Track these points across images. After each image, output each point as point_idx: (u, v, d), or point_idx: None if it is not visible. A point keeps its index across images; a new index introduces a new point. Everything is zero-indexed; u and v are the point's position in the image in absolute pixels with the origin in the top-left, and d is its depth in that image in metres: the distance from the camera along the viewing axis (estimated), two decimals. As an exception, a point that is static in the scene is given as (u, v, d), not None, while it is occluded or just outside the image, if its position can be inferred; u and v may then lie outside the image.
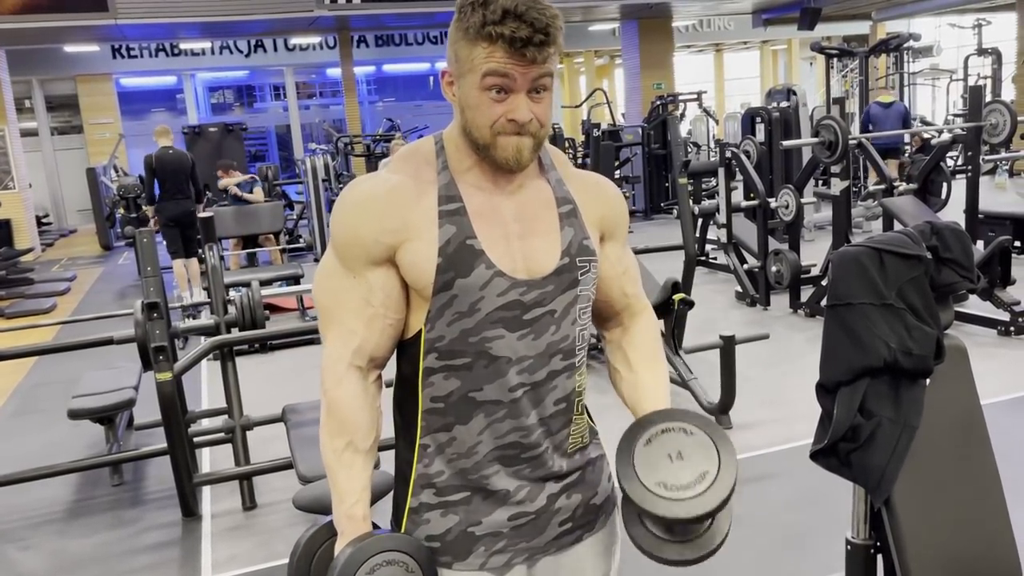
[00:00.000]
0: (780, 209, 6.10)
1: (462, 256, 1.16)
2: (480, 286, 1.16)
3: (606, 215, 1.31)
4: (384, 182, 1.21)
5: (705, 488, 1.06)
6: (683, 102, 11.96)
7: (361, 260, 1.18)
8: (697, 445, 1.10)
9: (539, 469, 1.24)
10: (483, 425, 1.21)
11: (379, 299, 1.19)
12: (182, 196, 7.19)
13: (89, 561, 3.14)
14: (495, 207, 1.20)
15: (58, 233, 14.25)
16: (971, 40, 13.89)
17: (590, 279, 1.25)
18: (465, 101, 1.16)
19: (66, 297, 8.53)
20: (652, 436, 1.12)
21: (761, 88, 18.99)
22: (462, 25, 1.13)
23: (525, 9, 1.10)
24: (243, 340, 3.52)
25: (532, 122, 1.15)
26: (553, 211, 1.24)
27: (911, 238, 1.68)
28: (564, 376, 1.24)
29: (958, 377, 1.70)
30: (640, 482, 1.08)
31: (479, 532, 1.23)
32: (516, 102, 1.13)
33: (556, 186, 1.26)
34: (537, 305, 1.20)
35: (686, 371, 4.13)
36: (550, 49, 1.12)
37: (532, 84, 1.13)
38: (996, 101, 6.19)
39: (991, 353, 4.65)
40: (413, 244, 1.17)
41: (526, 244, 1.20)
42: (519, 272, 1.19)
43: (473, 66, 1.13)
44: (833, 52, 11.43)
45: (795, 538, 2.91)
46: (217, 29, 12.39)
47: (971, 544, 1.68)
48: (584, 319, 1.26)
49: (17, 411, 5.07)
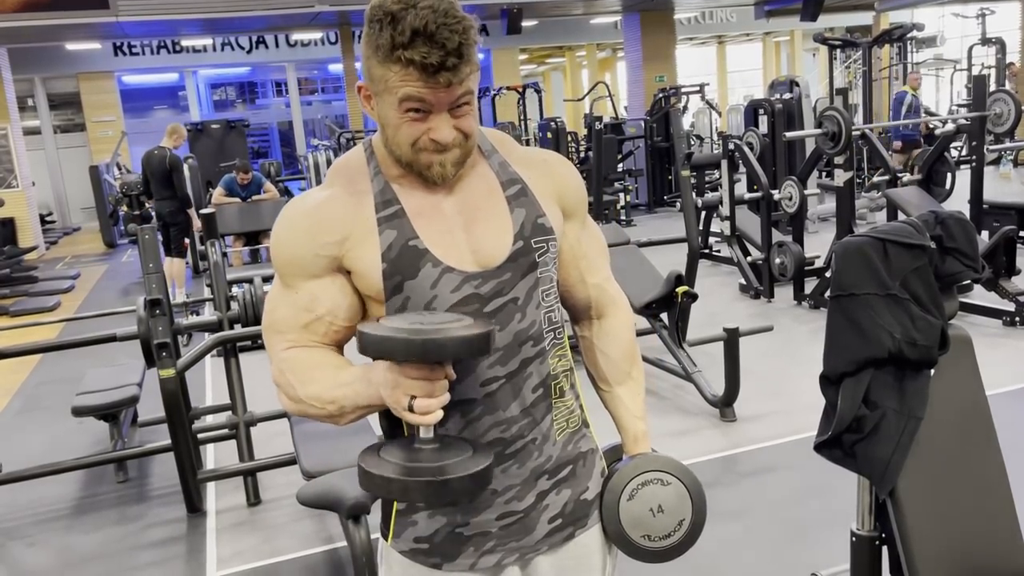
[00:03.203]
0: (783, 201, 6.08)
1: (406, 258, 1.14)
2: (430, 285, 1.14)
3: (561, 192, 1.26)
4: (315, 198, 1.19)
5: (682, 536, 1.26)
6: (686, 95, 11.92)
7: (301, 276, 1.17)
8: (674, 495, 1.26)
9: (526, 463, 1.21)
10: (461, 425, 1.17)
11: (325, 307, 1.17)
12: (163, 196, 7.26)
13: (94, 557, 3.15)
14: (435, 204, 1.17)
15: (62, 231, 14.27)
16: (975, 30, 13.83)
17: (549, 259, 1.21)
18: (385, 119, 1.13)
19: (70, 295, 8.55)
20: (634, 491, 1.26)
21: (764, 80, 18.94)
22: (372, 43, 1.08)
23: (436, 28, 1.03)
24: (246, 336, 3.52)
25: (455, 138, 1.12)
26: (499, 196, 1.20)
27: (915, 228, 1.67)
28: (537, 362, 1.20)
29: (963, 367, 1.69)
30: (628, 537, 1.26)
31: (467, 532, 1.21)
32: (437, 122, 1.10)
33: (500, 170, 1.22)
34: (497, 295, 1.16)
35: (690, 364, 4.12)
36: (465, 70, 1.07)
37: (451, 104, 1.10)
38: (1000, 90, 6.16)
39: (996, 343, 4.64)
40: (356, 253, 1.15)
41: (473, 235, 1.17)
42: (469, 265, 1.16)
43: (388, 87, 1.09)
44: (836, 43, 11.36)
45: (800, 530, 2.90)
46: (218, 25, 12.36)
47: (976, 535, 1.67)
48: (549, 300, 1.22)
49: (22, 408, 5.08)
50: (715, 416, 3.94)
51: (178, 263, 7.30)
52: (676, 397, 4.26)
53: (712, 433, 3.80)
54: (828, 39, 11.21)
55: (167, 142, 7.25)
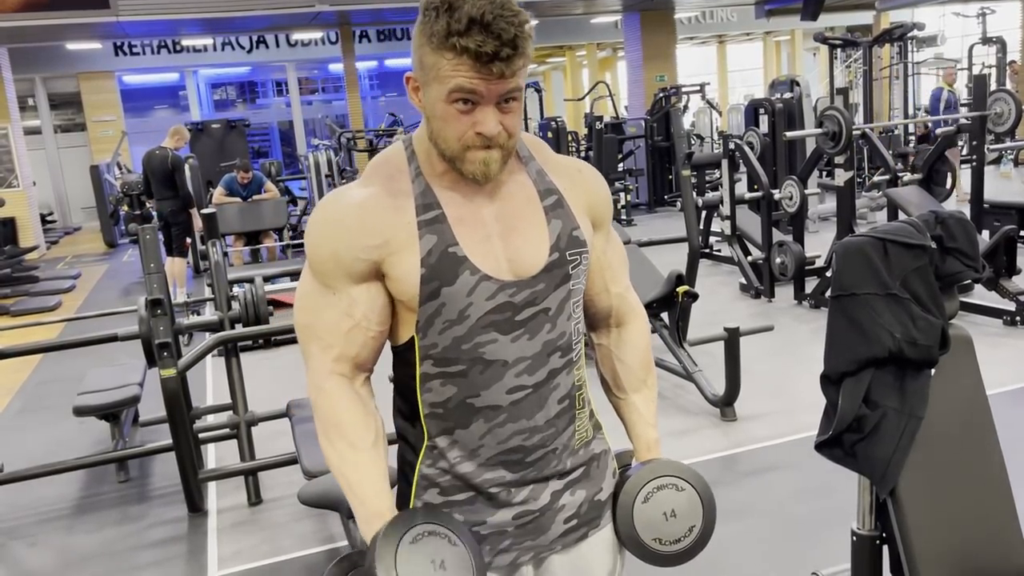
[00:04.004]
0: (784, 200, 6.08)
1: (445, 264, 1.13)
2: (467, 292, 1.14)
3: (592, 203, 1.27)
4: (356, 196, 1.17)
5: (692, 542, 1.27)
6: (686, 94, 11.92)
7: (340, 277, 1.16)
8: (687, 501, 1.28)
9: (545, 469, 1.23)
10: (484, 430, 1.18)
11: (361, 311, 1.17)
12: (164, 196, 7.28)
13: (95, 557, 3.15)
14: (475, 210, 1.17)
15: (63, 231, 14.27)
16: (975, 29, 13.81)
17: (581, 271, 1.22)
18: (431, 111, 1.12)
19: (71, 295, 8.55)
20: (649, 494, 1.27)
21: (764, 79, 18.93)
22: (426, 30, 1.07)
23: (492, 18, 1.04)
24: (247, 336, 3.52)
25: (500, 134, 1.11)
26: (537, 206, 1.20)
27: (915, 227, 1.67)
28: (564, 373, 1.22)
29: (963, 367, 1.69)
30: (640, 539, 1.27)
31: (484, 531, 1.22)
32: (484, 114, 1.09)
33: (538, 178, 1.22)
34: (529, 305, 1.17)
35: (690, 364, 4.12)
36: (518, 62, 1.07)
37: (500, 97, 1.09)
38: (1001, 90, 6.16)
39: (997, 343, 4.64)
40: (395, 257, 1.14)
41: (510, 244, 1.17)
42: (505, 273, 1.16)
43: (439, 76, 1.08)
44: (836, 42, 11.37)
45: (800, 530, 2.90)
46: (218, 25, 12.36)
47: (977, 534, 1.67)
48: (578, 312, 1.24)
49: (23, 408, 5.08)
50: (716, 416, 3.94)
51: (179, 263, 7.31)
52: (677, 397, 4.26)
53: (713, 432, 3.80)
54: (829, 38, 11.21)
55: (169, 143, 7.26)
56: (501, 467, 1.20)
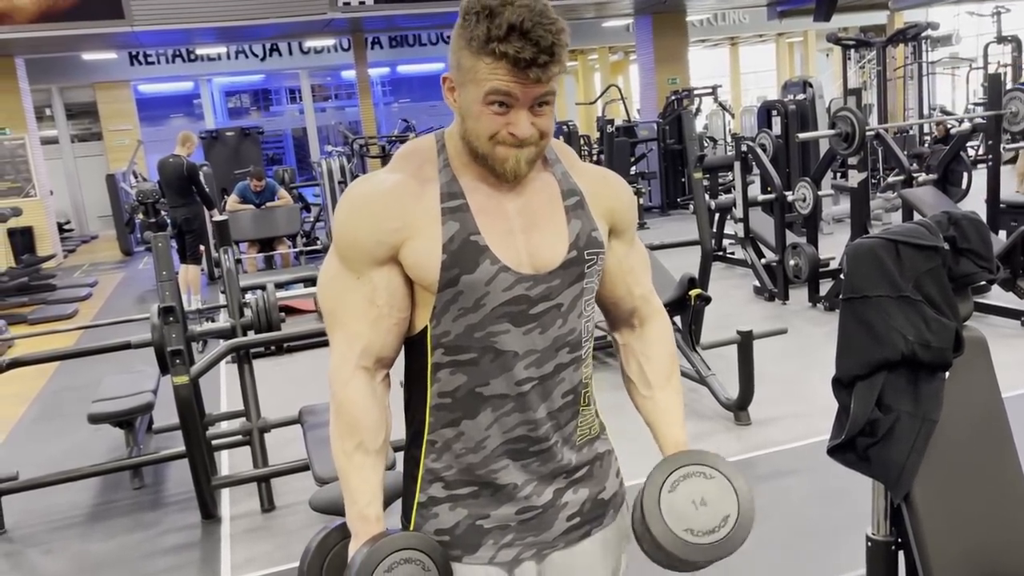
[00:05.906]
0: (797, 202, 6.04)
1: (467, 252, 1.15)
2: (486, 282, 1.16)
3: (615, 208, 1.29)
4: (383, 182, 1.20)
5: (728, 532, 1.18)
6: (698, 97, 11.88)
7: (364, 261, 1.18)
8: (717, 489, 1.19)
9: (548, 463, 1.25)
10: (491, 420, 1.21)
11: (383, 298, 1.19)
12: (178, 203, 7.32)
13: (110, 564, 3.17)
14: (499, 203, 1.20)
15: (80, 239, 14.38)
16: (990, 28, 13.69)
17: (595, 271, 1.25)
18: (466, 110, 1.15)
19: (88, 302, 8.62)
20: (676, 482, 1.20)
21: (777, 81, 18.83)
22: (466, 34, 1.11)
23: (532, 26, 1.07)
24: (259, 343, 3.53)
25: (532, 135, 1.14)
26: (559, 204, 1.23)
27: (927, 229, 1.65)
28: (571, 369, 1.24)
29: (978, 369, 1.67)
30: (670, 529, 1.18)
31: (487, 525, 1.24)
32: (518, 117, 1.13)
33: (562, 179, 1.25)
34: (544, 299, 1.19)
35: (704, 367, 4.10)
36: (554, 68, 1.11)
37: (534, 101, 1.12)
38: (1016, 88, 6.10)
39: (1014, 344, 4.59)
40: (416, 242, 1.16)
41: (531, 238, 1.20)
42: (524, 267, 1.18)
43: (476, 78, 1.11)
44: (850, 43, 11.31)
45: (815, 534, 2.88)
46: (232, 34, 12.45)
47: (994, 539, 1.64)
48: (589, 311, 1.26)
49: (39, 416, 5.12)
50: (729, 419, 3.92)
51: (193, 270, 7.35)
52: (690, 400, 4.24)
53: (727, 437, 3.78)
54: (842, 39, 11.16)
55: (180, 150, 7.31)
56: (506, 457, 1.22)
